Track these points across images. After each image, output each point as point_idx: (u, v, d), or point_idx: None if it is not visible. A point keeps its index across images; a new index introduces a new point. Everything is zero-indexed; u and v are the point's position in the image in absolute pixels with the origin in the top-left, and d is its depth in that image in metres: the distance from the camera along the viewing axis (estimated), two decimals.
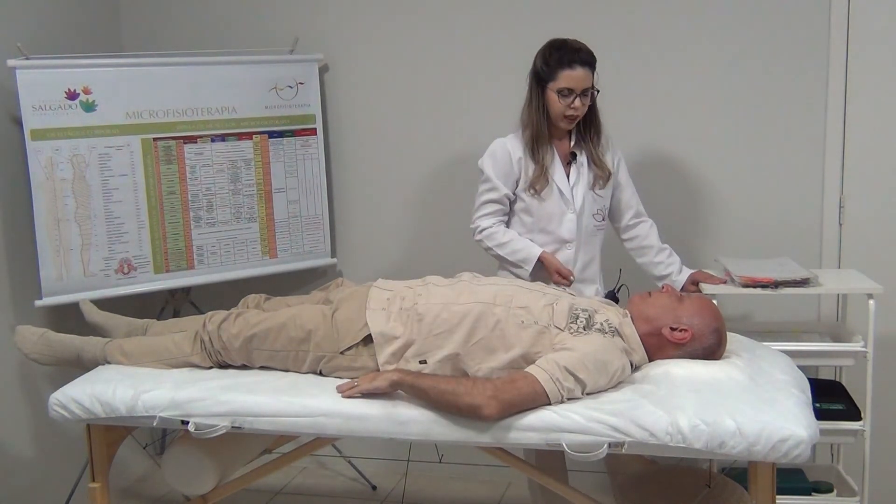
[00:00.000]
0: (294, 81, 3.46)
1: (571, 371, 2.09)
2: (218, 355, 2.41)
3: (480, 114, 3.39)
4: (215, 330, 2.39)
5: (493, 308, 2.26)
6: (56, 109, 3.10)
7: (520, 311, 2.26)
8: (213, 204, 3.38)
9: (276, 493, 3.54)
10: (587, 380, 2.11)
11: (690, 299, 2.35)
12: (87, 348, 2.54)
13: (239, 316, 2.43)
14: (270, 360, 2.38)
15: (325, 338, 2.32)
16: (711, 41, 3.21)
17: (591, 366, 2.12)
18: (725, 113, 3.23)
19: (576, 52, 2.66)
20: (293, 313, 2.38)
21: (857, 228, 3.17)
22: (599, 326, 2.24)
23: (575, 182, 2.79)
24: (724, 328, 2.32)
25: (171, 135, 3.30)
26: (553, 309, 2.26)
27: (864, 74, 3.11)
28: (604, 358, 2.15)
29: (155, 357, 2.46)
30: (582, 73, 2.65)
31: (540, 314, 2.25)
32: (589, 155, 2.80)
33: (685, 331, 2.27)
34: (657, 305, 2.33)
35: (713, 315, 2.31)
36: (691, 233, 3.29)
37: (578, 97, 2.67)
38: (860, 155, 3.14)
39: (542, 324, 2.23)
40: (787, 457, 1.95)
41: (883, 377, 2.93)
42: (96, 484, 2.40)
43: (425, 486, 3.51)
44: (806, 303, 3.20)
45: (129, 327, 2.72)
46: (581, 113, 2.70)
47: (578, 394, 2.11)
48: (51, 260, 3.11)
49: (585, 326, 2.23)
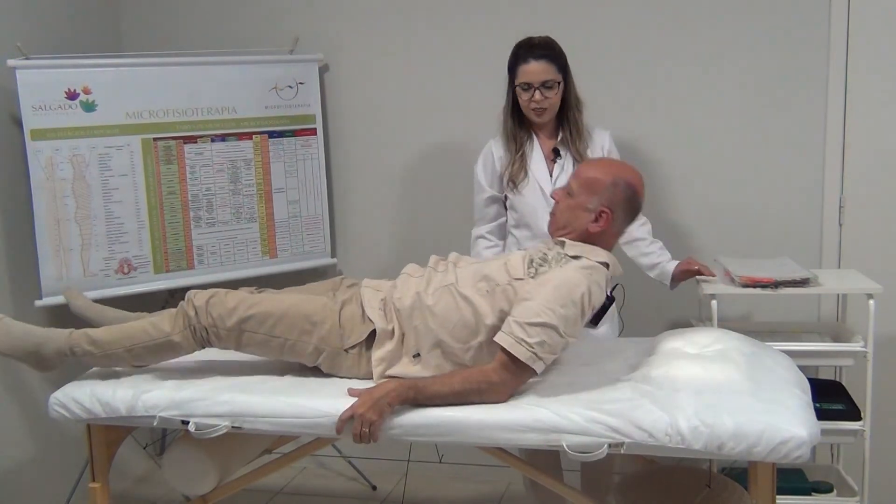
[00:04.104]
0: (294, 81, 3.46)
1: (532, 322, 2.09)
2: (203, 333, 2.29)
3: (480, 114, 3.38)
4: (203, 305, 2.28)
5: (458, 287, 2.27)
6: (56, 109, 3.10)
7: (482, 283, 2.27)
8: (213, 204, 3.38)
9: (276, 493, 3.54)
10: (553, 320, 2.10)
11: (578, 182, 2.32)
12: (51, 339, 2.36)
13: (229, 293, 2.33)
14: (261, 347, 2.32)
15: (331, 332, 2.30)
16: (711, 41, 3.21)
17: (554, 304, 2.11)
18: (725, 113, 3.23)
19: (531, 48, 2.76)
20: (295, 301, 2.33)
21: (857, 228, 3.17)
22: (555, 258, 2.24)
23: (557, 177, 2.82)
24: (626, 172, 2.32)
25: (171, 135, 3.30)
26: (507, 265, 2.28)
27: (864, 74, 3.10)
28: (564, 289, 2.14)
29: (130, 342, 2.32)
30: (537, 67, 2.73)
31: (498, 276, 2.26)
32: (571, 151, 2.83)
33: (603, 213, 2.28)
34: (564, 213, 2.33)
35: (610, 176, 2.29)
36: (691, 233, 3.29)
37: (538, 90, 2.74)
38: (860, 155, 3.14)
39: (502, 284, 2.23)
40: (788, 458, 1.95)
41: (883, 377, 2.93)
42: (96, 484, 2.41)
43: (425, 486, 3.51)
44: (806, 303, 3.20)
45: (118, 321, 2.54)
46: (546, 105, 2.76)
47: (557, 338, 2.11)
48: (51, 260, 3.11)
49: (541, 264, 2.24)
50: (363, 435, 2.09)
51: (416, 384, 2.16)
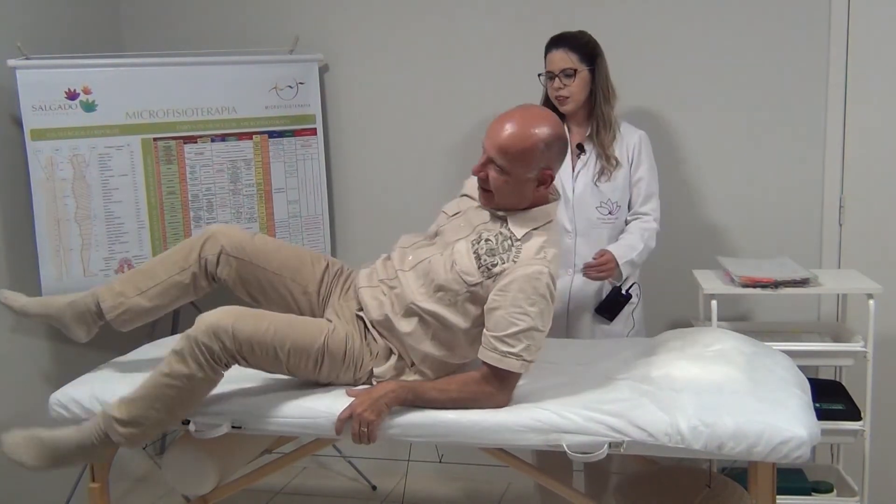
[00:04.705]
0: (294, 81, 3.46)
1: (510, 333, 2.09)
2: (231, 359, 2.14)
3: (480, 113, 3.38)
4: (229, 329, 2.10)
5: (418, 303, 2.22)
6: (56, 109, 3.10)
7: (440, 294, 2.22)
8: (213, 204, 3.38)
9: (276, 493, 3.54)
10: (529, 322, 2.10)
11: (508, 158, 2.16)
12: (81, 435, 2.17)
13: (240, 317, 2.14)
14: (284, 369, 2.26)
15: (337, 366, 2.27)
16: (711, 42, 3.21)
17: (523, 305, 2.10)
18: (725, 113, 3.23)
19: (557, 39, 2.82)
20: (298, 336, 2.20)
21: (857, 228, 3.17)
22: (503, 247, 2.19)
23: (579, 172, 2.82)
24: (544, 125, 2.17)
25: (171, 135, 3.30)
26: (455, 267, 2.20)
27: (864, 74, 3.10)
28: (528, 288, 2.11)
29: (162, 404, 2.14)
30: (558, 55, 2.78)
31: (454, 284, 2.19)
32: (595, 145, 2.83)
33: (545, 175, 2.21)
34: (506, 192, 2.21)
35: (537, 141, 2.15)
36: (691, 233, 3.29)
37: (558, 77, 2.77)
38: (860, 155, 3.14)
39: (461, 293, 2.19)
40: (788, 458, 1.95)
41: (883, 377, 2.93)
42: (96, 484, 2.40)
43: (425, 486, 3.51)
44: (806, 303, 3.20)
45: (72, 309, 2.40)
46: (566, 94, 2.78)
47: (538, 335, 2.11)
48: (51, 260, 3.11)
49: (491, 256, 2.18)
50: (361, 435, 2.09)
51: (414, 388, 2.16)
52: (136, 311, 2.38)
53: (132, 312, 2.37)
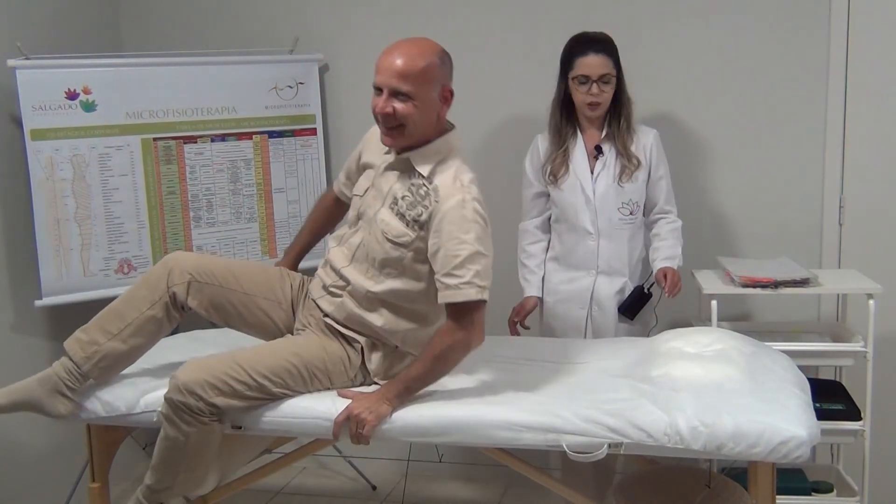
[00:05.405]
0: (294, 81, 3.46)
1: (456, 265, 2.11)
2: (213, 408, 2.12)
3: (480, 113, 3.38)
4: (200, 381, 2.10)
5: (375, 292, 2.24)
6: (56, 109, 3.10)
7: (388, 269, 2.24)
8: (213, 204, 3.38)
9: (276, 493, 3.53)
10: (469, 248, 2.11)
11: (413, 82, 2.16)
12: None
13: (227, 379, 2.13)
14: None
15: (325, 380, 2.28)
16: (710, 41, 3.21)
17: (459, 235, 2.12)
18: (725, 113, 3.23)
19: (590, 42, 2.76)
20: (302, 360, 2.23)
21: (857, 228, 3.17)
22: (420, 195, 2.21)
23: (598, 174, 2.82)
24: (430, 43, 2.22)
25: (171, 135, 3.30)
26: (386, 234, 2.22)
27: (864, 74, 3.10)
28: (457, 218, 2.13)
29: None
30: (596, 60, 2.73)
31: (393, 251, 2.22)
32: (617, 146, 2.82)
33: (446, 92, 2.23)
34: (420, 120, 2.20)
35: (431, 56, 2.19)
36: (691, 233, 3.27)
37: (595, 83, 2.73)
38: (860, 155, 3.14)
39: (406, 258, 2.21)
40: (788, 458, 1.95)
41: (883, 377, 2.93)
42: (96, 484, 2.41)
43: (425, 486, 3.51)
44: (806, 303, 3.20)
45: (42, 386, 2.28)
46: (602, 100, 2.76)
47: (484, 259, 2.13)
48: (51, 260, 3.11)
49: (412, 209, 2.20)
50: (359, 436, 2.09)
51: (400, 377, 2.19)
52: (114, 356, 2.28)
53: (110, 358, 2.27)
